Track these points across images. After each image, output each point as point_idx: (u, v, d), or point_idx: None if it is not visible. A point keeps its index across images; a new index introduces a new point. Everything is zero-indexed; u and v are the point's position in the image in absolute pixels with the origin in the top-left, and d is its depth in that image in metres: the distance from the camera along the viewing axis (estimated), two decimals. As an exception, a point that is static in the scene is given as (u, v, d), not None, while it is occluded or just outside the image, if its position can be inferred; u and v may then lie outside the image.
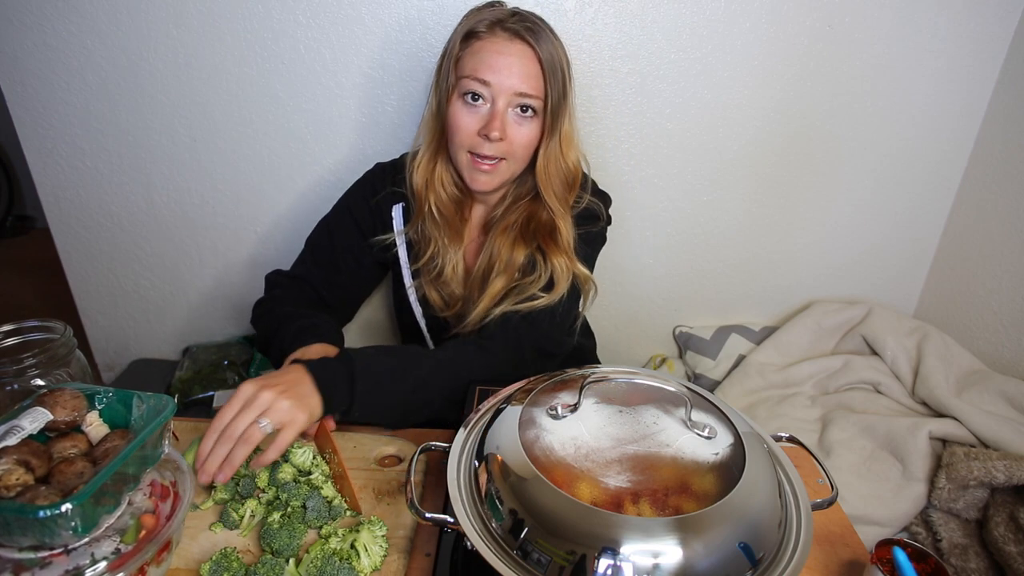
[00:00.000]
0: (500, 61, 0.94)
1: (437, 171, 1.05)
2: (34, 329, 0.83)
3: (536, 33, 0.95)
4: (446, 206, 1.07)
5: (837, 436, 1.40)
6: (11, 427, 0.63)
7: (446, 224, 1.07)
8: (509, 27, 0.95)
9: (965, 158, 1.58)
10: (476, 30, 0.96)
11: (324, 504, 0.77)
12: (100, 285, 1.59)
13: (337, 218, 1.15)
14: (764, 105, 1.46)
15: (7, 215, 3.19)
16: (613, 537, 0.53)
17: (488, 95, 0.95)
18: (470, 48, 0.96)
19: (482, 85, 0.95)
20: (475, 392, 0.93)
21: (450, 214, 1.07)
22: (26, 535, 0.56)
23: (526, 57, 0.95)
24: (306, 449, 0.83)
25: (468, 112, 0.97)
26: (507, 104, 0.96)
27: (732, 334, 1.68)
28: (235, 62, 1.35)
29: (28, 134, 1.41)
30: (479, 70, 0.94)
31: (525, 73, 0.95)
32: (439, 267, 1.09)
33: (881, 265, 1.71)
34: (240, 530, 0.76)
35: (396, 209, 1.12)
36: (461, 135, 0.98)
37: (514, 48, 0.95)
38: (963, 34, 1.43)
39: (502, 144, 0.97)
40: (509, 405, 0.68)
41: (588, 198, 1.08)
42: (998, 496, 1.23)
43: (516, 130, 0.97)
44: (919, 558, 0.68)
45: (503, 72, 0.94)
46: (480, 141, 0.97)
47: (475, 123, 0.97)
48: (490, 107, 0.96)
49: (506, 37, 0.95)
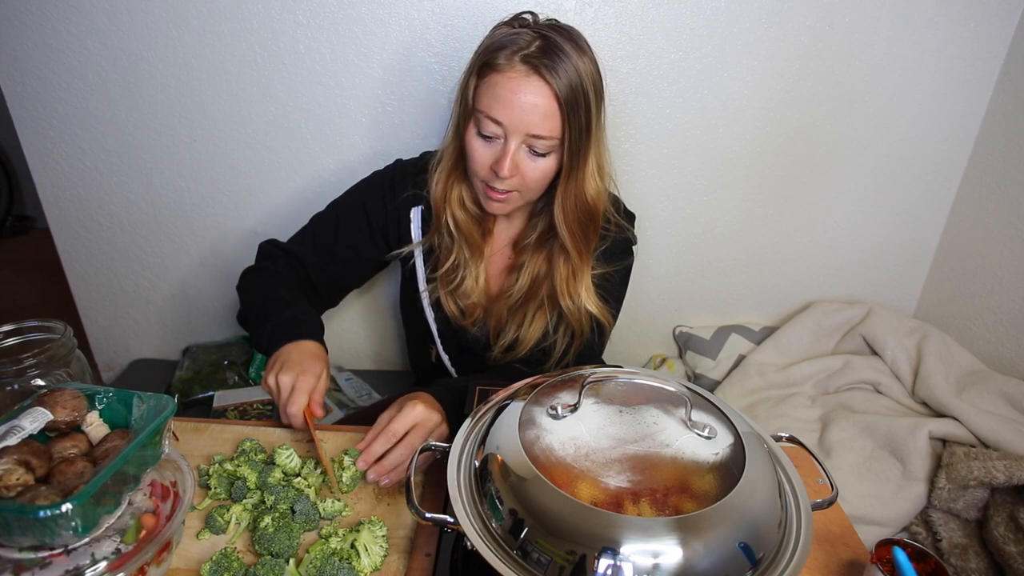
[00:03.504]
0: (514, 100, 0.88)
1: (455, 191, 1.03)
2: (34, 329, 0.83)
3: (555, 67, 0.87)
4: (464, 223, 1.04)
5: (837, 436, 1.40)
6: (11, 427, 0.63)
7: (464, 240, 1.05)
8: (529, 58, 0.88)
9: (965, 158, 1.58)
10: (494, 62, 0.90)
11: (312, 508, 0.77)
12: (100, 285, 1.59)
13: (348, 211, 1.12)
14: (764, 105, 1.46)
15: (7, 215, 3.19)
16: (613, 537, 0.53)
17: (501, 133, 0.91)
18: (487, 81, 0.91)
19: (495, 124, 0.91)
20: (475, 392, 0.93)
21: (469, 230, 1.05)
22: (26, 535, 0.56)
23: (542, 96, 0.88)
24: (291, 452, 0.84)
25: (482, 145, 0.94)
26: (520, 143, 0.92)
27: (732, 334, 1.68)
28: (235, 62, 1.35)
29: (28, 134, 1.41)
30: (493, 108, 0.90)
31: (541, 113, 0.89)
32: (460, 279, 1.07)
33: (881, 265, 1.71)
34: (229, 537, 0.76)
35: (415, 212, 1.09)
36: (475, 165, 0.96)
37: (530, 86, 0.88)
38: (963, 34, 1.43)
39: (514, 180, 0.94)
40: (509, 405, 0.68)
41: (616, 221, 1.05)
42: (998, 496, 1.23)
43: (529, 165, 0.93)
44: (919, 558, 0.68)
45: (516, 112, 0.89)
46: (492, 175, 0.94)
47: (488, 157, 0.94)
48: (503, 144, 0.92)
49: (523, 72, 0.88)
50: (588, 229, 1.00)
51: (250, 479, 0.81)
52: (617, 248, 1.08)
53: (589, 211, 0.98)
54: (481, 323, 1.13)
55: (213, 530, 0.76)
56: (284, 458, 0.83)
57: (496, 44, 0.91)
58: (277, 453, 0.84)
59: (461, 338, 1.16)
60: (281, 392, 0.87)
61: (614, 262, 1.08)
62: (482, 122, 0.92)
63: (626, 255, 1.10)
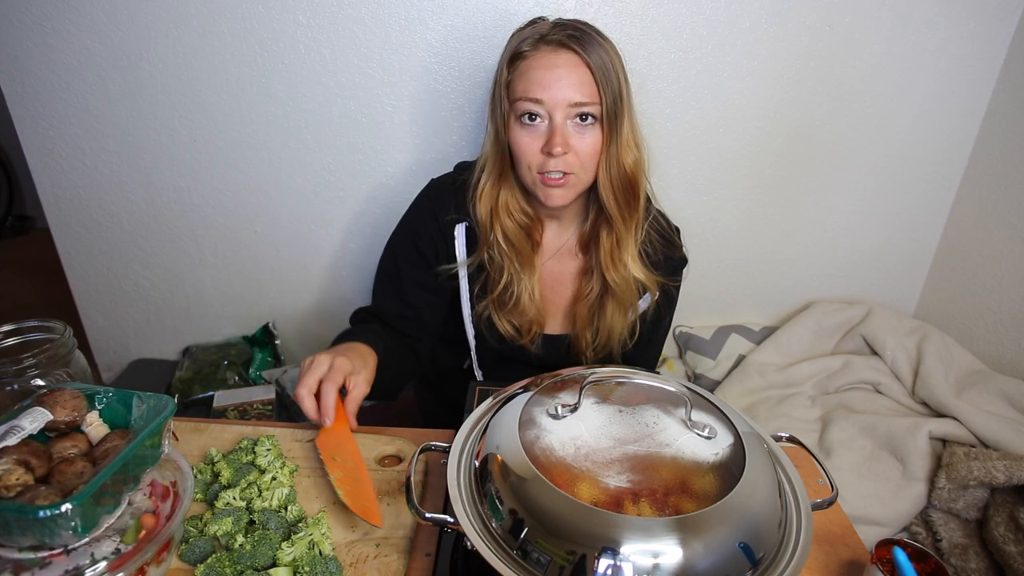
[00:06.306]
0: (549, 75, 0.91)
1: (502, 198, 1.02)
2: (34, 329, 0.83)
3: (581, 39, 0.92)
4: (514, 233, 1.03)
5: (837, 436, 1.40)
6: (11, 427, 0.63)
7: (515, 253, 1.04)
8: (552, 39, 0.93)
9: (965, 158, 1.58)
10: (520, 50, 0.94)
11: (281, 519, 0.75)
12: (100, 285, 1.59)
13: (404, 249, 1.10)
14: (764, 105, 1.46)
15: (7, 215, 3.19)
16: (613, 537, 0.53)
17: (544, 112, 0.92)
18: (517, 69, 0.94)
19: (536, 104, 0.92)
20: (475, 392, 0.93)
21: (519, 241, 1.04)
22: (26, 535, 0.56)
23: (575, 65, 0.92)
24: (271, 450, 0.84)
25: (527, 133, 0.94)
26: (564, 117, 0.93)
27: (732, 334, 1.68)
28: (235, 62, 1.35)
29: (28, 134, 1.41)
30: (530, 89, 0.92)
31: (577, 82, 0.91)
32: (514, 298, 1.05)
33: (881, 265, 1.71)
34: None
35: (459, 229, 1.06)
36: (526, 157, 0.96)
37: (561, 59, 0.92)
38: (963, 34, 1.43)
39: (567, 157, 0.94)
40: (509, 405, 0.68)
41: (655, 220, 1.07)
42: (998, 496, 1.23)
43: (579, 140, 0.94)
44: (919, 558, 0.68)
45: (554, 86, 0.91)
46: (544, 159, 0.94)
47: (537, 142, 0.94)
48: (548, 123, 0.93)
49: (551, 50, 0.92)
50: (630, 198, 1.00)
51: (224, 475, 0.80)
52: (678, 265, 1.10)
53: (629, 180, 0.99)
54: (540, 342, 1.12)
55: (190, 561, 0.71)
56: (262, 457, 0.83)
57: (520, 38, 0.95)
58: (260, 442, 0.84)
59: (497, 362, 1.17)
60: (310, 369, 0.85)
61: (674, 276, 1.10)
62: (523, 107, 0.93)
63: (678, 273, 1.12)
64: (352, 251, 1.56)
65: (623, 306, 1.06)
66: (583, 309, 1.09)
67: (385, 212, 1.50)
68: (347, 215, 1.51)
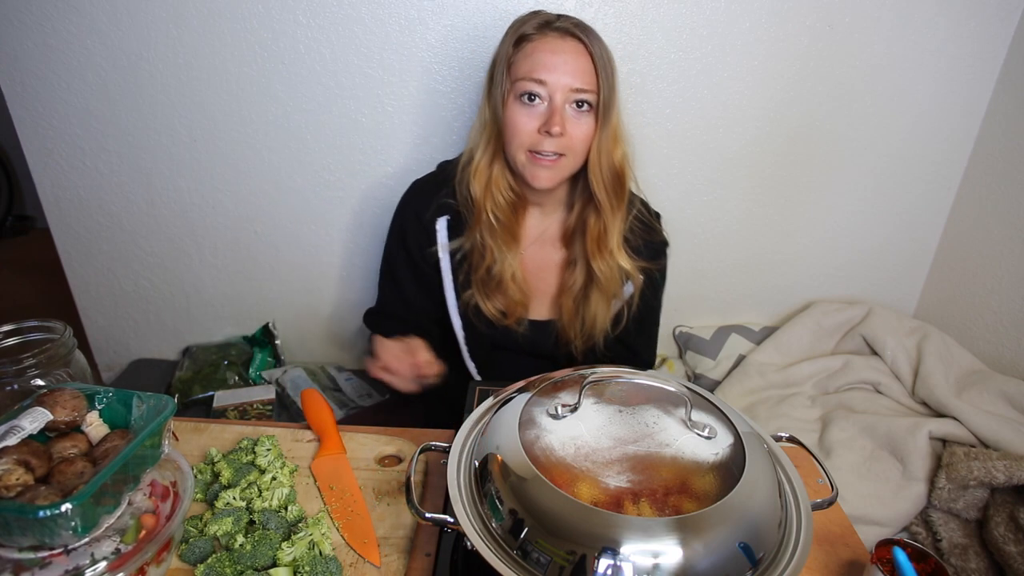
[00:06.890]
0: (554, 59, 0.96)
1: (494, 175, 1.06)
2: (34, 329, 0.83)
3: (586, 30, 0.98)
4: (503, 210, 1.07)
5: (837, 436, 1.40)
6: (11, 427, 0.63)
7: (503, 229, 1.07)
8: (559, 27, 0.98)
9: (965, 158, 1.58)
10: (526, 33, 0.99)
11: (280, 519, 0.75)
12: (100, 285, 1.59)
13: (396, 253, 1.16)
14: (764, 105, 1.46)
15: (7, 215, 3.19)
16: (613, 537, 0.53)
17: (545, 94, 0.97)
18: (522, 51, 0.98)
19: (538, 85, 0.96)
20: (475, 392, 0.93)
21: (507, 218, 1.07)
22: (26, 535, 0.56)
23: (579, 54, 0.97)
24: (271, 450, 0.84)
25: (526, 112, 0.98)
26: (564, 100, 0.97)
27: (732, 334, 1.68)
28: (235, 62, 1.35)
29: (28, 134, 1.41)
30: (535, 70, 0.96)
31: (579, 69, 0.96)
32: (498, 275, 1.09)
33: (881, 265, 1.70)
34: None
35: (440, 222, 1.11)
36: (521, 135, 0.99)
37: (567, 46, 0.97)
38: (963, 34, 1.43)
39: (562, 140, 0.98)
40: (509, 405, 0.68)
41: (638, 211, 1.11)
42: (998, 496, 1.23)
43: (575, 125, 0.99)
44: (919, 558, 0.68)
45: (558, 70, 0.96)
46: (540, 138, 0.98)
47: (534, 122, 0.98)
48: (548, 105, 0.97)
49: (557, 36, 0.98)
50: (618, 188, 1.05)
51: (224, 475, 0.80)
52: (660, 249, 1.15)
53: (617, 172, 1.04)
54: (527, 326, 1.15)
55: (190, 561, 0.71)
56: (262, 457, 0.83)
57: (524, 20, 1.00)
58: (260, 442, 0.84)
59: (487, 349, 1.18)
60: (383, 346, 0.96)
61: (658, 260, 1.14)
62: (525, 86, 0.97)
63: (663, 255, 1.16)
64: (352, 251, 1.56)
65: (606, 296, 1.10)
66: (568, 300, 1.12)
67: (385, 212, 1.49)
68: (347, 215, 1.51)
